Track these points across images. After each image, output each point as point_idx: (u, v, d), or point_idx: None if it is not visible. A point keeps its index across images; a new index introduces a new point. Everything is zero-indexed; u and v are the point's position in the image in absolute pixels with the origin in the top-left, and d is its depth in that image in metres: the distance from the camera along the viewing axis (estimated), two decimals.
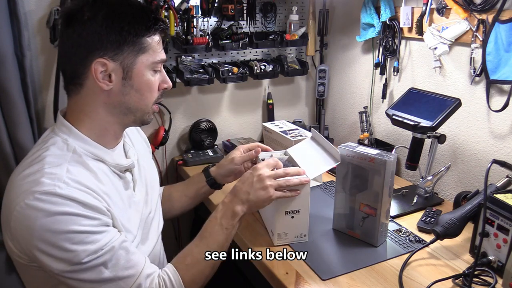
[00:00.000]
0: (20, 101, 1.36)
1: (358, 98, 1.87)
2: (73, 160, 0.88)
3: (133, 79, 0.91)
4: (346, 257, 1.11)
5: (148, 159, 1.18)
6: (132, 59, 0.89)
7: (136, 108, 0.95)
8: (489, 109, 1.30)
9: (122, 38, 0.87)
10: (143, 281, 0.89)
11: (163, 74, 0.98)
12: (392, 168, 1.09)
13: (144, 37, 0.90)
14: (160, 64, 0.96)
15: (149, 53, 0.91)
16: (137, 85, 0.92)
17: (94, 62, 0.87)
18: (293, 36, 1.79)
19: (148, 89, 0.94)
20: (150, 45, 0.91)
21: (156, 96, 0.97)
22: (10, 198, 0.85)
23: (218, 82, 1.73)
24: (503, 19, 1.21)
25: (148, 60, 0.91)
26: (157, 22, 0.91)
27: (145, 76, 0.92)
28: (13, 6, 1.32)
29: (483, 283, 1.01)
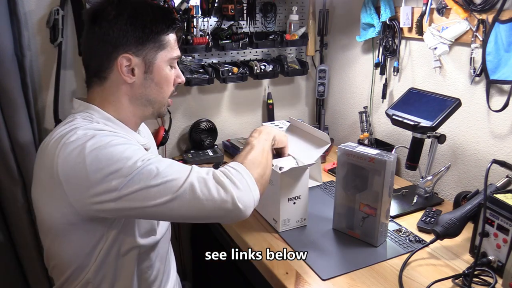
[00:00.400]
0: (20, 101, 1.36)
1: (358, 98, 1.87)
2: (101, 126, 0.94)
3: (154, 73, 0.98)
4: (346, 257, 1.11)
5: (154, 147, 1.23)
6: (153, 55, 0.97)
7: (155, 100, 1.02)
8: (489, 109, 1.30)
9: (145, 35, 0.94)
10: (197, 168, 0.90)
11: (177, 69, 1.05)
12: (392, 168, 1.09)
13: (164, 35, 0.97)
14: (176, 60, 1.03)
15: (167, 49, 0.98)
16: (157, 79, 0.99)
17: (120, 57, 0.94)
18: (293, 36, 1.79)
19: (166, 83, 1.02)
20: (169, 42, 0.99)
21: (172, 90, 1.05)
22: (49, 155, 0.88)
23: (218, 82, 1.73)
24: (503, 19, 1.21)
25: (166, 56, 0.99)
26: (174, 21, 0.99)
27: (164, 71, 0.99)
28: (13, 6, 1.32)
29: (483, 283, 1.01)
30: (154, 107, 1.03)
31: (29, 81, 1.39)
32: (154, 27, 0.95)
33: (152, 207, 0.85)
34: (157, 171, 0.85)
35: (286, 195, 1.19)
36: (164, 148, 1.79)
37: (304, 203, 1.23)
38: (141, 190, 0.84)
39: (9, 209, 1.40)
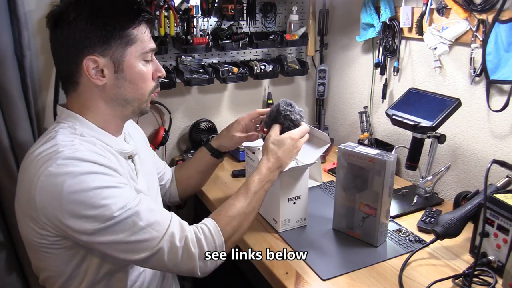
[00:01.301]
0: (20, 101, 1.36)
1: (358, 98, 1.87)
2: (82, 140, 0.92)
3: (125, 71, 0.93)
4: (346, 257, 1.11)
5: (146, 152, 1.21)
6: (121, 52, 0.92)
7: (132, 98, 0.97)
8: (489, 109, 1.30)
9: (108, 33, 0.90)
10: (176, 227, 0.92)
11: (155, 63, 1.00)
12: (392, 168, 1.09)
13: (130, 29, 0.92)
14: (151, 54, 0.97)
15: (137, 44, 0.93)
16: (130, 77, 0.94)
17: (85, 60, 0.90)
18: (293, 36, 1.79)
19: (142, 79, 0.96)
20: (137, 36, 0.93)
21: (153, 85, 1.00)
22: (28, 176, 0.87)
23: (218, 82, 1.73)
24: (503, 19, 1.21)
25: (137, 51, 0.93)
26: (140, 13, 0.93)
27: (137, 67, 0.94)
28: (13, 6, 1.32)
29: (483, 283, 1.01)
30: (133, 106, 0.99)
31: (29, 81, 1.38)
32: (117, 23, 0.90)
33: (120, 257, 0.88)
34: (132, 225, 0.86)
35: (286, 195, 1.19)
36: (164, 148, 1.79)
37: (304, 203, 1.23)
38: (113, 243, 0.86)
39: (9, 209, 1.40)
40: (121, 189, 0.88)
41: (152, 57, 0.99)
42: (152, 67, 0.99)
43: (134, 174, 1.03)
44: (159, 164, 1.34)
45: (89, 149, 0.89)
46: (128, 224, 0.86)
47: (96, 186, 0.84)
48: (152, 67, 0.99)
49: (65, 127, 0.94)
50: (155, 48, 0.99)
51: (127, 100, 0.97)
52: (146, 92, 0.99)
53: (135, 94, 0.97)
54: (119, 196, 0.87)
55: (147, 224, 0.88)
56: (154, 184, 1.18)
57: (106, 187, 0.85)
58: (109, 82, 0.93)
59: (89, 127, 0.96)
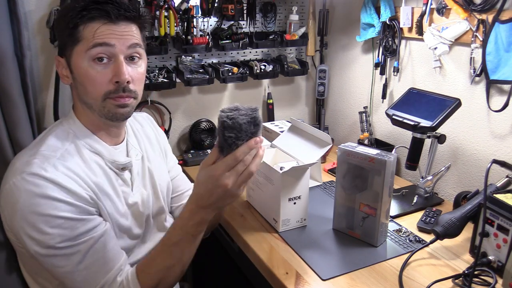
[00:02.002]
0: (20, 101, 1.36)
1: (358, 98, 1.87)
2: (71, 148, 0.92)
3: (74, 71, 0.90)
4: (346, 257, 1.11)
5: (159, 162, 1.15)
6: (69, 52, 0.89)
7: (87, 102, 0.92)
8: (489, 109, 1.30)
9: (60, 33, 0.90)
10: (110, 281, 0.89)
11: (116, 65, 0.88)
12: (392, 168, 1.09)
13: (78, 27, 0.86)
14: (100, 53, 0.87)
15: (82, 43, 0.87)
16: (78, 78, 0.90)
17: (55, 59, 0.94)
18: (293, 36, 1.79)
19: (89, 81, 0.88)
20: (83, 34, 0.87)
21: (107, 90, 0.89)
22: (6, 175, 0.89)
23: (218, 82, 1.73)
24: (503, 19, 1.21)
25: (82, 51, 0.87)
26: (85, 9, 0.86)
27: (82, 68, 0.88)
28: (13, 6, 1.32)
29: (483, 283, 1.01)
30: (94, 110, 0.92)
31: (29, 81, 1.38)
32: (63, 21, 0.88)
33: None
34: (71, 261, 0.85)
35: (287, 195, 1.19)
36: None
37: (305, 203, 1.23)
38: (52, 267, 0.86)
39: None
40: (77, 222, 0.85)
41: (116, 58, 0.89)
42: (111, 70, 0.89)
43: (126, 187, 1.01)
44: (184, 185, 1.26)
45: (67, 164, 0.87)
46: (69, 259, 0.85)
47: (48, 214, 0.82)
48: (112, 70, 0.89)
49: (62, 127, 0.95)
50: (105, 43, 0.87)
51: (85, 103, 0.93)
52: (98, 96, 0.89)
53: (86, 97, 0.91)
54: (70, 229, 0.84)
55: (86, 267, 0.86)
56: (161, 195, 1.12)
57: (58, 217, 0.83)
58: (72, 83, 0.93)
59: (84, 133, 0.95)
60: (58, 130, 0.95)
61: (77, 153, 0.92)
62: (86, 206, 0.87)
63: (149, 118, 1.23)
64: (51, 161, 0.86)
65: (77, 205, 0.85)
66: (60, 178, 0.84)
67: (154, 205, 1.10)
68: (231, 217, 1.31)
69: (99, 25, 0.87)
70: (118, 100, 0.91)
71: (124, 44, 0.89)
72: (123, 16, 0.89)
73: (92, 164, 0.93)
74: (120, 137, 1.03)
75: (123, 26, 0.89)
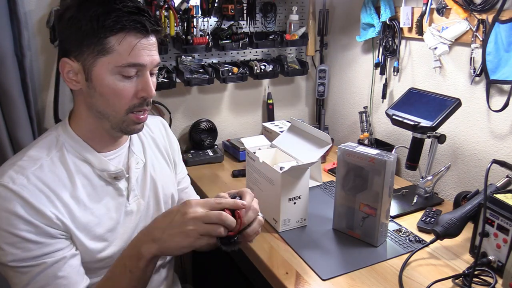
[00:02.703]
0: (20, 101, 1.36)
1: (358, 98, 1.87)
2: (56, 157, 0.89)
3: (94, 82, 0.85)
4: (346, 257, 1.11)
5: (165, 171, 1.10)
6: (92, 61, 0.83)
7: (105, 113, 0.88)
8: (489, 109, 1.30)
9: (80, 38, 0.82)
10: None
11: (144, 80, 0.87)
12: (392, 168, 1.09)
13: (107, 37, 0.81)
14: (131, 69, 0.84)
15: (112, 55, 0.82)
16: (99, 89, 0.85)
17: (61, 61, 0.86)
18: (293, 36, 1.79)
19: (113, 95, 0.85)
20: (113, 47, 0.82)
21: (131, 104, 0.87)
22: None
23: (218, 82, 1.73)
24: (503, 19, 1.21)
25: (110, 63, 0.83)
26: (119, 21, 0.81)
27: (106, 81, 0.84)
28: (13, 6, 1.32)
29: (483, 283, 1.01)
30: (110, 121, 0.89)
31: (29, 81, 1.39)
32: (90, 29, 0.81)
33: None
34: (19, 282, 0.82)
35: (287, 195, 1.19)
36: None
37: (305, 203, 1.23)
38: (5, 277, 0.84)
39: None
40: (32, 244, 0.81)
41: (143, 73, 0.86)
42: (137, 84, 0.86)
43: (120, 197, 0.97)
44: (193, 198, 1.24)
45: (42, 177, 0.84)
46: (19, 277, 0.81)
47: (5, 230, 0.79)
48: (138, 84, 0.86)
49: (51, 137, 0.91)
50: (139, 64, 0.84)
51: (101, 113, 0.88)
52: (121, 110, 0.87)
53: (107, 109, 0.87)
54: (23, 249, 0.80)
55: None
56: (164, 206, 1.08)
57: (15, 235, 0.79)
58: (84, 89, 0.87)
59: (74, 140, 0.91)
60: (47, 139, 0.91)
61: (61, 163, 0.89)
62: (47, 227, 0.82)
63: (162, 123, 1.16)
64: (26, 172, 0.83)
65: (37, 226, 0.81)
66: (26, 193, 0.81)
67: (153, 216, 1.04)
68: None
69: (135, 41, 0.83)
70: (139, 117, 0.89)
71: (152, 62, 0.87)
72: (155, 30, 0.86)
73: (76, 175, 0.89)
74: (119, 144, 0.98)
75: (152, 40, 0.87)
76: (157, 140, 1.10)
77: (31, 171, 0.84)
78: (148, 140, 1.08)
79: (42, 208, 0.82)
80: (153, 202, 1.05)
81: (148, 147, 1.06)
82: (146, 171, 1.03)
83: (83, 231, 0.89)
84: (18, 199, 0.80)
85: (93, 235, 0.91)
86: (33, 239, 0.81)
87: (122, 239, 0.96)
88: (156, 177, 1.06)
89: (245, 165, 1.38)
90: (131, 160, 1.00)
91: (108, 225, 0.93)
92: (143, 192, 1.02)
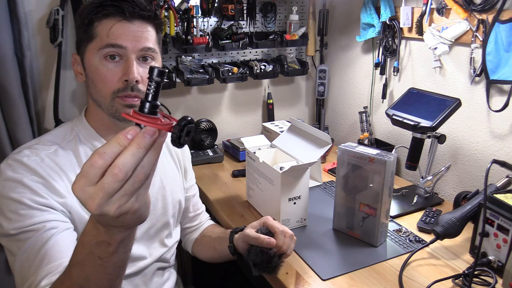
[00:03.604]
0: (20, 101, 1.36)
1: (358, 98, 1.87)
2: (69, 146, 0.93)
3: (86, 69, 0.91)
4: (346, 257, 1.11)
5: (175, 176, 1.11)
6: (84, 49, 0.90)
7: (97, 100, 0.92)
8: (489, 109, 1.30)
9: (78, 30, 0.91)
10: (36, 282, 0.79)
11: (127, 64, 0.88)
12: (392, 168, 1.09)
13: (93, 23, 0.87)
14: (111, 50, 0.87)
15: (96, 40, 0.88)
16: (90, 75, 0.90)
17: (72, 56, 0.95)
18: (293, 36, 1.79)
19: (99, 79, 0.88)
20: (97, 32, 0.87)
21: (116, 88, 0.88)
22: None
23: (218, 82, 1.73)
24: (503, 19, 1.21)
25: (94, 49, 0.88)
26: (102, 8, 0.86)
27: (93, 65, 0.88)
28: (13, 6, 1.32)
29: (483, 283, 1.01)
30: (103, 109, 0.92)
31: (29, 81, 1.39)
32: (79, 19, 0.89)
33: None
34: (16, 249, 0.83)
35: (287, 195, 1.19)
36: None
37: (305, 203, 1.23)
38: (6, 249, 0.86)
39: None
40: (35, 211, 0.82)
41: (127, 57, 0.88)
42: (122, 68, 0.88)
43: None
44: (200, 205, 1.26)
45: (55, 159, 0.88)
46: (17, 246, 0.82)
47: (11, 197, 0.82)
48: (123, 69, 0.88)
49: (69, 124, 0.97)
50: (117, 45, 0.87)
51: (96, 101, 0.92)
52: (107, 95, 0.89)
53: (96, 95, 0.91)
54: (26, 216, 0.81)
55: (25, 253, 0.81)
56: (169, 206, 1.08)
57: (20, 203, 0.82)
58: (86, 80, 0.93)
59: (89, 131, 0.96)
60: (63, 128, 0.97)
61: (73, 152, 0.92)
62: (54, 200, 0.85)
63: None
64: (40, 154, 0.87)
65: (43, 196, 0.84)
66: (39, 168, 0.85)
67: (160, 218, 1.06)
68: (231, 217, 1.31)
69: (113, 23, 0.87)
70: (125, 99, 0.89)
71: (136, 46, 0.88)
72: (138, 15, 0.88)
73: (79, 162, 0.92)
74: None
75: (138, 25, 0.89)
76: (169, 145, 1.11)
77: (45, 153, 0.88)
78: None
79: (51, 181, 0.85)
80: (160, 205, 1.06)
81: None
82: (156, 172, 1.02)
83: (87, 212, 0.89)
84: (29, 172, 0.84)
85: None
86: (36, 207, 0.83)
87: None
88: (165, 180, 1.07)
89: (245, 165, 1.38)
90: None
91: None
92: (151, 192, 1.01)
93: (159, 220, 1.06)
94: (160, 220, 1.07)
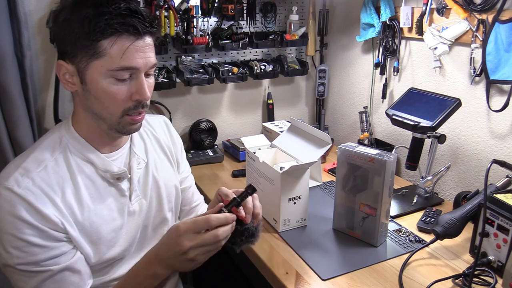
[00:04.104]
0: (20, 101, 1.36)
1: (358, 98, 1.87)
2: (60, 158, 0.89)
3: (88, 84, 0.84)
4: (346, 257, 1.11)
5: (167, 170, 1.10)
6: (85, 64, 0.83)
7: (101, 115, 0.88)
8: (489, 109, 1.30)
9: (74, 41, 0.81)
10: None
11: (139, 83, 0.86)
12: (392, 168, 1.09)
13: (99, 41, 0.80)
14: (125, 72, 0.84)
15: (105, 59, 0.81)
16: (94, 92, 0.85)
17: (57, 63, 0.86)
18: (293, 36, 1.79)
19: (107, 98, 0.85)
20: (106, 50, 0.81)
21: (126, 107, 0.87)
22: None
23: (218, 82, 1.73)
24: (503, 19, 1.21)
25: (103, 67, 0.82)
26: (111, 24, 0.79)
27: (100, 84, 0.83)
28: (13, 6, 1.32)
29: (483, 283, 1.01)
30: (106, 123, 0.88)
31: (29, 81, 1.39)
32: (82, 32, 0.80)
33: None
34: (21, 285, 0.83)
35: (287, 195, 1.19)
36: None
37: (305, 203, 1.23)
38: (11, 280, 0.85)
39: None
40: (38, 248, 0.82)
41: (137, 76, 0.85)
42: (131, 86, 0.85)
43: (122, 197, 0.96)
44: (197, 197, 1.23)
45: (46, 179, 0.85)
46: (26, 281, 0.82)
47: (12, 233, 0.80)
48: (132, 87, 0.85)
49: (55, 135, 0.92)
50: (132, 67, 0.83)
51: (97, 115, 0.88)
52: (116, 112, 0.87)
53: (103, 112, 0.87)
54: (29, 253, 0.81)
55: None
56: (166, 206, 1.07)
57: (20, 239, 0.80)
58: (79, 91, 0.87)
59: (77, 141, 0.91)
60: (50, 139, 0.91)
61: (65, 164, 0.89)
62: (53, 231, 0.83)
63: (166, 122, 1.15)
64: (31, 175, 0.84)
65: (42, 230, 0.82)
66: (31, 196, 0.81)
67: (156, 215, 1.05)
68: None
69: (127, 44, 0.81)
70: (135, 119, 0.89)
71: (146, 65, 0.86)
72: (148, 32, 0.85)
73: (78, 176, 0.90)
74: (120, 144, 0.97)
75: (145, 41, 0.85)
76: (160, 139, 1.10)
77: (36, 173, 0.85)
78: (151, 140, 1.07)
79: (47, 212, 0.82)
80: (155, 202, 1.05)
81: (151, 147, 1.06)
82: (148, 170, 1.03)
83: (87, 234, 0.89)
84: (23, 203, 0.81)
85: (97, 237, 0.91)
86: (38, 243, 0.81)
87: (125, 240, 0.96)
88: (158, 177, 1.05)
89: (245, 165, 1.38)
90: (133, 161, 0.99)
91: (111, 226, 0.93)
92: (145, 192, 1.02)
93: (156, 217, 1.06)
94: (157, 217, 1.06)
